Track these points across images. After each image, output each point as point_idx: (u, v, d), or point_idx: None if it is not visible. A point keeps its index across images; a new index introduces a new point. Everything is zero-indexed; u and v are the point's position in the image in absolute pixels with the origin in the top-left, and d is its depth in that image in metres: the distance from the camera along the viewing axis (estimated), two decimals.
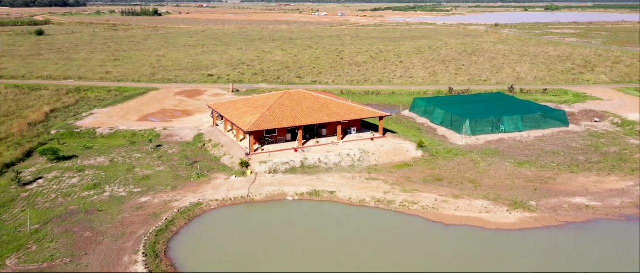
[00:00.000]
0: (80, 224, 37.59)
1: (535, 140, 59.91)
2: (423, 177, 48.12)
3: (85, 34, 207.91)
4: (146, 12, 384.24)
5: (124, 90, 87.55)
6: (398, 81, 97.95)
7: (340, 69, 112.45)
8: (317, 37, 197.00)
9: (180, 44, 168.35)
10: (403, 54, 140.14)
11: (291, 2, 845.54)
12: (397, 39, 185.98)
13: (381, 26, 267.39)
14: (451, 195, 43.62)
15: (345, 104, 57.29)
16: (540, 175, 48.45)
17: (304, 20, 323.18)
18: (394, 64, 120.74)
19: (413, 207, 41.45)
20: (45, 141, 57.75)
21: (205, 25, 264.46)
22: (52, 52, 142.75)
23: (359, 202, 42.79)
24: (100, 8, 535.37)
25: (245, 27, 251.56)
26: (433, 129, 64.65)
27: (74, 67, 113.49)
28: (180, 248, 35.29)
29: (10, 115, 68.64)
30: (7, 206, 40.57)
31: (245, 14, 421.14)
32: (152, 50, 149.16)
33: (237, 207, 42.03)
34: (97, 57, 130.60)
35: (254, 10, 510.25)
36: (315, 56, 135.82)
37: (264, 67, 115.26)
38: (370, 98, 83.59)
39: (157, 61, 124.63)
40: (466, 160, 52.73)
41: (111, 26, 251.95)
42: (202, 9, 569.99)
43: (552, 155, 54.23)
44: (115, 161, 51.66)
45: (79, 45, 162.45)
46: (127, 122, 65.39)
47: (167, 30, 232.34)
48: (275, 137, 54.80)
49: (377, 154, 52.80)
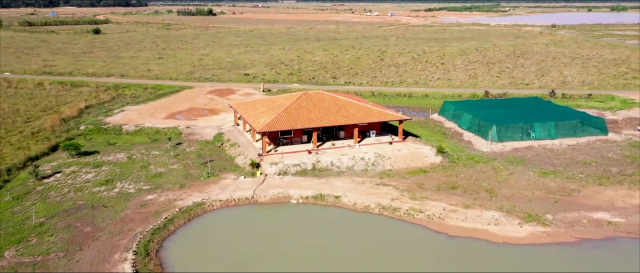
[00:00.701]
0: (83, 219, 38.43)
1: (568, 148, 56.41)
2: (437, 184, 46.18)
3: (139, 33, 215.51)
4: (201, 12, 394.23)
5: (160, 88, 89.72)
6: (434, 83, 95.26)
7: (378, 70, 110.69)
8: (362, 37, 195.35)
9: (226, 43, 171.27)
10: (447, 55, 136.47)
11: (345, 2, 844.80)
12: (444, 40, 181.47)
13: (431, 26, 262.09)
14: (462, 204, 41.58)
15: (364, 106, 55.97)
16: (564, 187, 45.42)
17: (354, 20, 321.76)
18: (434, 66, 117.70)
19: (418, 215, 39.77)
20: (73, 136, 59.80)
21: (255, 25, 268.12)
22: (103, 50, 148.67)
23: (363, 208, 41.54)
24: (159, 8, 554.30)
25: (293, 27, 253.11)
26: (459, 134, 62.20)
27: (119, 64, 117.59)
28: (173, 247, 35.35)
29: (47, 110, 71.69)
30: (21, 198, 42.09)
31: (297, 14, 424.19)
32: (197, 49, 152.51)
33: (240, 208, 41.78)
34: (143, 56, 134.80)
35: (307, 10, 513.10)
36: (355, 57, 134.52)
37: (301, 67, 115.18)
38: (401, 100, 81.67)
39: (199, 60, 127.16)
40: (487, 168, 50.27)
41: (165, 25, 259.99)
42: (256, 8, 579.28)
43: (582, 166, 50.82)
44: (133, 158, 52.72)
45: (130, 43, 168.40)
46: (154, 119, 66.77)
47: (217, 29, 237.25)
48: (290, 138, 54.28)
49: (392, 159, 51.23)
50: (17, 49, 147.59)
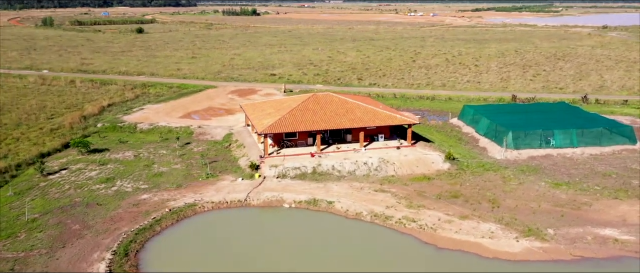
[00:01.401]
0: (75, 217, 38.99)
1: (589, 158, 53.10)
2: (439, 192, 44.31)
3: (180, 32, 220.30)
4: (245, 12, 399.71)
5: (185, 87, 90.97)
6: (463, 86, 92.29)
7: (407, 72, 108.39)
8: (400, 38, 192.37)
9: (262, 43, 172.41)
10: (483, 57, 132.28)
11: (392, 2, 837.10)
12: (483, 41, 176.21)
13: (474, 27, 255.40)
14: (459, 214, 39.68)
15: (372, 109, 54.52)
16: (575, 199, 42.63)
17: (396, 21, 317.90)
18: (467, 68, 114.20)
19: (410, 225, 38.18)
20: (89, 134, 61.23)
21: (295, 25, 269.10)
22: (141, 49, 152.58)
23: (355, 214, 40.30)
24: (206, 8, 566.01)
25: (332, 27, 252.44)
26: (475, 140, 59.75)
27: (152, 63, 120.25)
28: (155, 248, 35.30)
29: (72, 108, 73.84)
30: (23, 193, 43.23)
31: (340, 14, 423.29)
32: (232, 48, 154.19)
33: (230, 211, 41.39)
34: (177, 55, 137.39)
35: (351, 10, 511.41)
36: (388, 58, 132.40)
37: (330, 68, 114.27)
38: (423, 103, 79.46)
39: (230, 60, 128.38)
40: (496, 177, 47.89)
41: (207, 25, 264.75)
42: (301, 9, 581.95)
43: (600, 177, 47.63)
44: (140, 156, 53.35)
45: (169, 43, 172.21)
46: (170, 118, 67.56)
47: (256, 29, 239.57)
48: (295, 140, 53.53)
49: (397, 164, 49.62)
50: (61, 47, 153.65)
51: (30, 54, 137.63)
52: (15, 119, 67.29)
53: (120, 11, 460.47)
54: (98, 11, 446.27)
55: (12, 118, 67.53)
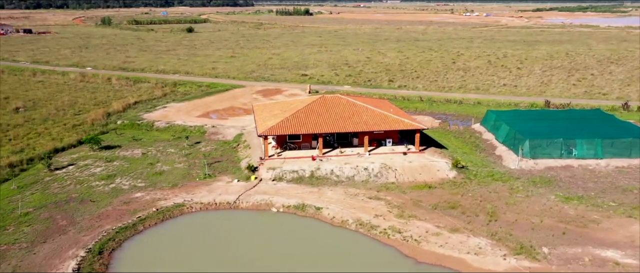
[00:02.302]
0: (65, 212, 39.88)
1: (613, 170, 49.05)
2: (436, 202, 42.16)
3: (228, 32, 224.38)
4: (298, 12, 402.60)
5: (214, 86, 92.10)
6: (497, 90, 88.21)
7: (443, 74, 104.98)
8: (447, 38, 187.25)
9: (304, 43, 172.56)
10: (529, 59, 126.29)
11: (449, 2, 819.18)
12: (534, 43, 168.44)
13: (529, 28, 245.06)
14: (450, 227, 37.51)
15: (380, 113, 52.77)
16: (584, 216, 39.35)
17: (449, 21, 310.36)
18: (508, 70, 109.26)
19: (394, 236, 36.43)
20: (107, 130, 62.97)
21: (344, 25, 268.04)
22: (185, 48, 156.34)
23: (340, 222, 38.95)
24: (262, 7, 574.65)
25: (381, 27, 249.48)
26: (493, 147, 56.68)
27: (190, 62, 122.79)
28: (132, 247, 35.45)
29: (100, 104, 76.29)
30: (26, 188, 44.77)
31: (393, 14, 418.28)
32: (273, 48, 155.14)
33: (217, 213, 41.07)
34: (217, 54, 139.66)
35: (405, 10, 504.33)
36: (427, 59, 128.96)
37: (364, 69, 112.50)
38: (449, 107, 76.46)
39: (268, 59, 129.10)
40: (503, 188, 45.08)
41: (257, 25, 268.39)
42: (355, 8, 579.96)
43: (620, 192, 43.82)
44: (148, 154, 54.14)
45: (214, 42, 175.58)
46: (188, 117, 68.39)
47: (303, 29, 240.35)
48: (299, 143, 52.65)
49: (399, 171, 47.72)
50: (112, 46, 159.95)
51: (81, 52, 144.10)
52: (45, 114, 70.29)
53: (179, 11, 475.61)
54: (159, 11, 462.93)
55: (42, 113, 70.58)
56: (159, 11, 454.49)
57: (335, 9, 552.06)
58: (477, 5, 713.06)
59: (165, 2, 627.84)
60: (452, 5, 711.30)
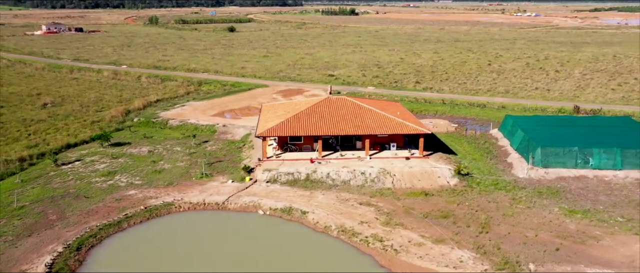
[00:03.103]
0: (58, 207, 40.82)
1: (632, 183, 45.62)
2: (429, 210, 40.46)
3: (269, 31, 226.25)
4: (343, 12, 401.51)
5: (238, 85, 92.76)
6: (526, 94, 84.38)
7: (474, 76, 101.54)
8: (490, 39, 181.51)
9: (341, 43, 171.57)
10: (571, 62, 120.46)
11: (503, 2, 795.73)
12: (582, 44, 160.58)
13: (580, 29, 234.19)
14: (436, 237, 35.83)
15: (384, 116, 51.25)
16: (585, 231, 36.70)
17: (497, 21, 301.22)
18: (545, 73, 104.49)
19: (374, 244, 35.14)
20: (123, 127, 64.40)
21: (386, 25, 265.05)
22: (222, 47, 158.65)
23: (323, 228, 37.97)
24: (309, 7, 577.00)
25: (423, 28, 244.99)
26: (506, 154, 54.04)
27: (222, 61, 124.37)
28: (111, 244, 35.79)
29: (123, 102, 78.25)
30: (29, 181, 46.22)
31: (441, 14, 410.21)
32: (309, 48, 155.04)
33: (203, 213, 40.96)
34: (251, 53, 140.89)
35: (454, 10, 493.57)
36: (462, 60, 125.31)
37: (394, 70, 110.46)
38: (471, 110, 73.67)
39: (300, 59, 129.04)
40: (505, 198, 42.78)
41: (299, 25, 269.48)
42: (404, 8, 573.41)
43: (632, 207, 40.66)
44: (154, 152, 54.86)
45: (252, 41, 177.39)
46: (203, 116, 69.02)
47: (344, 29, 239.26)
48: (300, 144, 51.95)
49: (397, 176, 46.16)
50: (152, 44, 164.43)
51: (122, 50, 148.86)
52: (69, 110, 72.77)
53: (228, 11, 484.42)
54: (209, 10, 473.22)
55: (67, 109, 73.10)
56: (209, 11, 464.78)
57: (384, 8, 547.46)
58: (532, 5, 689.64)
59: (216, 2, 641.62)
60: (506, 4, 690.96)
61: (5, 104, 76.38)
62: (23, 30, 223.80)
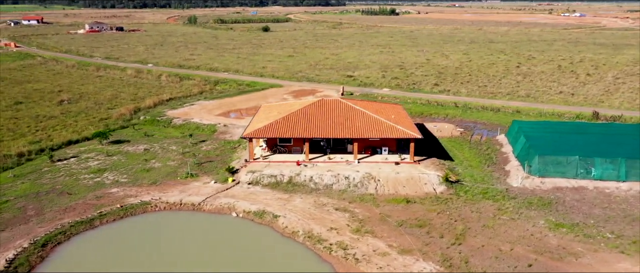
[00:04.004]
0: (39, 203, 41.65)
1: (634, 196, 42.49)
2: (406, 218, 38.91)
3: (303, 31, 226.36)
4: (383, 11, 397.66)
5: (253, 85, 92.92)
6: (548, 98, 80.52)
7: (498, 79, 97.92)
8: (527, 40, 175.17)
9: (371, 43, 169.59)
10: (606, 65, 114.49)
11: (554, 2, 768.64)
12: (624, 47, 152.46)
13: (628, 30, 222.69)
14: (404, 248, 34.35)
15: (376, 119, 49.85)
16: (566, 247, 34.33)
17: (541, 21, 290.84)
18: (574, 76, 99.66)
19: (337, 252, 34.00)
20: (127, 125, 65.45)
21: (422, 25, 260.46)
22: (252, 46, 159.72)
23: (291, 233, 37.12)
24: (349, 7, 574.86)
25: (460, 28, 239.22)
26: (506, 161, 51.53)
27: (245, 61, 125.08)
28: (78, 241, 36.12)
29: (137, 100, 79.71)
30: (21, 177, 47.46)
31: (484, 14, 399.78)
32: (336, 48, 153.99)
33: (177, 214, 40.86)
34: (278, 53, 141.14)
35: (499, 10, 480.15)
36: (490, 62, 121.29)
37: (416, 71, 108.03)
38: (482, 114, 70.85)
39: (324, 59, 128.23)
40: (490, 208, 40.67)
41: (335, 24, 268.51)
42: (447, 8, 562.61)
43: (628, 222, 37.80)
44: (149, 150, 55.38)
45: (283, 41, 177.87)
46: (208, 115, 69.33)
47: (378, 29, 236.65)
48: (289, 146, 51.21)
49: (382, 182, 44.72)
50: (184, 43, 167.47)
51: (154, 49, 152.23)
52: (83, 107, 74.74)
53: (270, 10, 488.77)
54: (251, 10, 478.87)
55: (81, 106, 75.10)
56: (251, 10, 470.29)
57: (427, 8, 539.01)
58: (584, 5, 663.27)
59: (260, 2, 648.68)
60: (556, 4, 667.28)
61: (25, 100, 79.29)
62: (68, 29, 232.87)
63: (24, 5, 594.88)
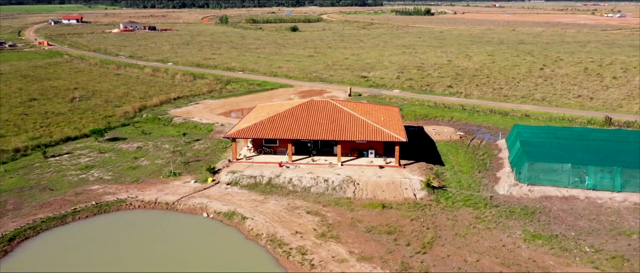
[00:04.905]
0: (20, 198, 42.48)
1: (627, 208, 39.89)
2: (377, 224, 37.73)
3: (331, 31, 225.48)
4: (418, 12, 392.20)
5: (264, 84, 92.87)
6: (564, 101, 77.05)
7: (516, 82, 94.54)
8: (559, 41, 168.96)
9: (396, 43, 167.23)
10: (637, 68, 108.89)
11: (600, 2, 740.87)
12: None
13: None
14: (364, 254, 33.27)
15: (363, 121, 48.70)
16: (537, 260, 32.45)
17: (581, 22, 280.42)
18: (599, 79, 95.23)
19: (294, 258, 33.22)
20: (128, 123, 66.34)
21: (455, 26, 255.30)
22: (275, 46, 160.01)
23: (254, 235, 36.55)
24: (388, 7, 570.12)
25: (494, 29, 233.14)
26: (499, 167, 49.42)
27: (264, 60, 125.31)
28: (45, 237, 36.57)
29: (145, 98, 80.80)
30: (12, 172, 48.62)
31: (524, 15, 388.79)
32: (359, 48, 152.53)
33: (150, 212, 40.90)
34: (299, 53, 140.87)
35: (539, 11, 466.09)
36: (513, 64, 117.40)
37: (433, 73, 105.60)
38: (489, 118, 68.36)
39: (344, 59, 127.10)
40: (468, 216, 38.98)
41: (365, 24, 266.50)
42: (486, 8, 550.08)
43: (612, 236, 35.48)
44: (142, 148, 55.90)
45: (308, 41, 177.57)
46: (209, 114, 69.56)
47: (408, 30, 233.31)
48: (275, 147, 50.64)
49: (361, 186, 43.57)
50: (210, 43, 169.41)
51: (179, 48, 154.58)
52: (92, 104, 76.31)
53: (305, 10, 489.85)
54: (286, 10, 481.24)
55: (90, 104, 76.72)
56: (286, 10, 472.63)
57: (464, 8, 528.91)
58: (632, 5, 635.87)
59: (296, 2, 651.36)
60: (602, 4, 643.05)
61: (40, 97, 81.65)
62: (103, 28, 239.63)
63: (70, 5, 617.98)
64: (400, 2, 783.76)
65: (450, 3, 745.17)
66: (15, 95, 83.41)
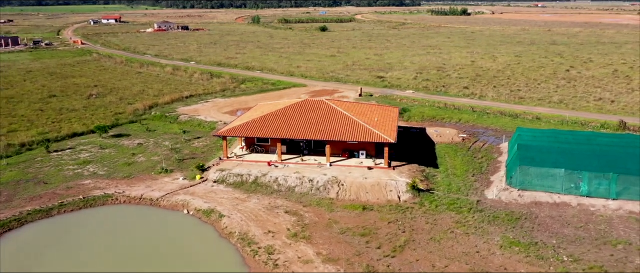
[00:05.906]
0: (14, 190, 43.94)
1: (620, 216, 37.88)
2: (352, 225, 37.17)
3: (359, 31, 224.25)
4: (454, 12, 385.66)
5: (278, 84, 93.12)
6: (582, 104, 74.05)
7: (537, 83, 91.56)
8: (594, 42, 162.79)
9: (422, 44, 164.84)
10: None
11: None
12: None
13: None
14: (331, 257, 32.81)
15: (354, 121, 48.09)
16: (508, 268, 31.23)
17: (624, 23, 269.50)
18: (626, 82, 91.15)
19: (260, 257, 33.08)
20: (136, 120, 67.73)
21: (489, 26, 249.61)
22: (300, 46, 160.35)
23: (227, 233, 36.59)
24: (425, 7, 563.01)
25: (527, 29, 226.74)
26: (495, 171, 47.89)
27: (284, 60, 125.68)
28: (28, 229, 37.65)
29: (159, 95, 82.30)
30: (13, 165, 50.33)
31: (565, 15, 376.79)
32: (384, 48, 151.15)
33: (133, 208, 41.52)
34: (321, 52, 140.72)
35: (581, 11, 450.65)
36: (539, 65, 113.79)
37: (452, 74, 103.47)
38: (499, 120, 66.32)
39: (365, 59, 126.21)
40: (448, 220, 37.91)
41: (397, 25, 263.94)
42: (525, 8, 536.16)
43: (596, 246, 33.79)
44: (142, 144, 56.94)
45: (335, 41, 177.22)
46: (216, 113, 70.20)
47: (438, 30, 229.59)
48: (267, 146, 50.61)
49: (346, 186, 43.01)
50: (236, 42, 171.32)
51: (206, 47, 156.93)
52: (107, 101, 78.30)
53: (341, 10, 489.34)
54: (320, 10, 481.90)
55: (105, 101, 78.73)
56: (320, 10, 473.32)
57: (503, 8, 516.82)
58: None
59: (333, 2, 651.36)
60: None
61: (59, 94, 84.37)
62: (138, 28, 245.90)
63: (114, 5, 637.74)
64: (439, 2, 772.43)
65: (490, 3, 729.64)
66: (37, 91, 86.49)
